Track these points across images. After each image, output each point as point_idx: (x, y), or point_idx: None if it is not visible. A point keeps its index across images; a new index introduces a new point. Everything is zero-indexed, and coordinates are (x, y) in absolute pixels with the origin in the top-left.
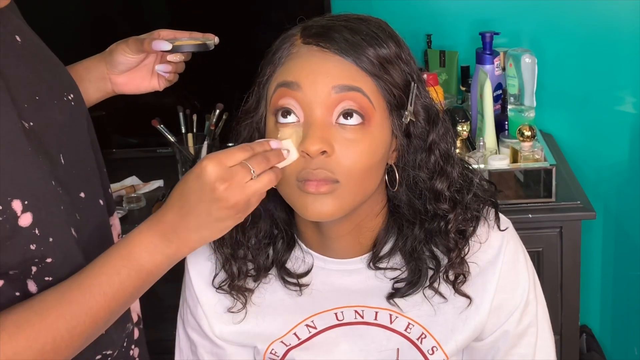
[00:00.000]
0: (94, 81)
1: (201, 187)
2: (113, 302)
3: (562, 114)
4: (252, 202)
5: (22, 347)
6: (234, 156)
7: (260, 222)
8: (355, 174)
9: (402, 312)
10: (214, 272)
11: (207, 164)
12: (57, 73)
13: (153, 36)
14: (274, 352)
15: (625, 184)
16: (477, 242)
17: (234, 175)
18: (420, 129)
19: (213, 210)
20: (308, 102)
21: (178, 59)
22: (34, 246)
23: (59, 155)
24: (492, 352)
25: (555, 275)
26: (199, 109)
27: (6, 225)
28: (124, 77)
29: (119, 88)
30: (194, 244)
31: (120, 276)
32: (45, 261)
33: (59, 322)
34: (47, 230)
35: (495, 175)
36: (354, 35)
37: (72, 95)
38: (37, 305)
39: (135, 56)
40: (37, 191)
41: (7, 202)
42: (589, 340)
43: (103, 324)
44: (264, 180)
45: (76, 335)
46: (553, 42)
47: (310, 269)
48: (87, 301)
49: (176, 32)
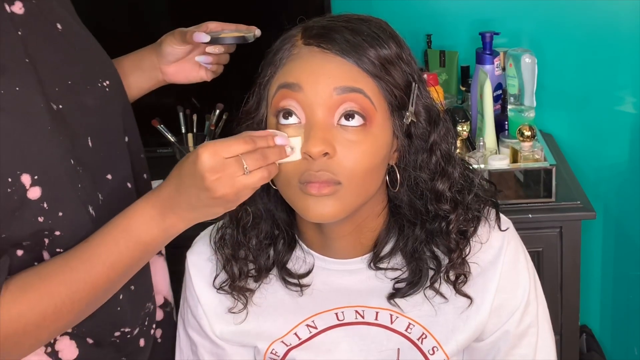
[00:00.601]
0: (146, 70)
1: (193, 173)
2: (112, 271)
3: (562, 114)
4: (241, 195)
5: (25, 310)
6: (231, 148)
7: (261, 223)
8: (357, 175)
9: (403, 312)
10: (215, 272)
11: (202, 152)
12: (94, 61)
13: (200, 28)
14: (275, 352)
15: (625, 184)
16: (478, 243)
17: (225, 168)
18: (422, 130)
19: (202, 197)
20: (309, 104)
21: (217, 51)
22: (42, 219)
23: (87, 138)
24: (493, 352)
25: (555, 275)
26: (199, 109)
27: (14, 196)
28: (173, 67)
29: (169, 78)
30: (188, 221)
31: (119, 246)
32: (54, 234)
33: (60, 287)
34: (56, 205)
35: (495, 175)
36: (355, 36)
37: (108, 82)
38: (42, 271)
39: (181, 47)
40: (49, 168)
41: (17, 175)
42: (589, 340)
43: (103, 292)
44: (255, 176)
45: (76, 302)
46: (553, 42)
47: (311, 269)
48: (87, 269)
49: (224, 25)
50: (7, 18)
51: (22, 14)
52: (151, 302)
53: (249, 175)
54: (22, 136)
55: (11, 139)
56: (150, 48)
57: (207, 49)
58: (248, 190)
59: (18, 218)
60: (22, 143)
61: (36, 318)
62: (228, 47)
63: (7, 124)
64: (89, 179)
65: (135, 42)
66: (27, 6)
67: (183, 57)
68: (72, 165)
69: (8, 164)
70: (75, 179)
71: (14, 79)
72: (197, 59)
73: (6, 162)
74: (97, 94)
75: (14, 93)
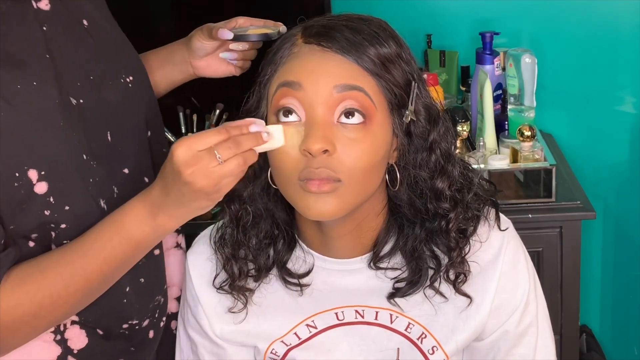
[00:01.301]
0: (177, 64)
1: (172, 170)
2: (105, 266)
3: (562, 114)
4: (222, 185)
5: (23, 299)
6: (204, 140)
7: (261, 222)
8: (357, 172)
9: (403, 311)
10: (215, 272)
11: (176, 147)
12: (119, 56)
13: (229, 24)
14: (275, 352)
15: (625, 184)
16: (478, 242)
17: (199, 160)
18: (421, 128)
19: (185, 192)
20: (310, 102)
21: (241, 47)
22: (48, 212)
23: (107, 132)
24: (493, 352)
25: (555, 275)
26: (199, 109)
27: (21, 190)
28: (203, 61)
29: (199, 72)
30: (177, 219)
31: (112, 242)
32: (60, 227)
33: (57, 280)
34: (63, 199)
35: (495, 175)
36: (355, 35)
37: (132, 78)
38: (41, 263)
39: (209, 43)
40: (58, 163)
41: (24, 170)
42: (589, 340)
43: (97, 285)
44: (230, 164)
45: (72, 294)
46: (553, 42)
47: (311, 268)
48: (82, 263)
49: (252, 20)
50: (33, 14)
51: (48, 10)
52: (162, 295)
53: (224, 165)
54: (31, 132)
55: (20, 135)
56: (182, 42)
57: (231, 45)
58: (228, 180)
59: (25, 211)
60: (31, 139)
61: (33, 308)
62: (253, 43)
63: (16, 120)
64: (103, 172)
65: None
66: (53, 2)
67: (212, 52)
68: (83, 160)
69: (16, 159)
70: (86, 174)
71: (32, 74)
72: (222, 55)
73: (14, 157)
74: (119, 89)
75: (30, 88)
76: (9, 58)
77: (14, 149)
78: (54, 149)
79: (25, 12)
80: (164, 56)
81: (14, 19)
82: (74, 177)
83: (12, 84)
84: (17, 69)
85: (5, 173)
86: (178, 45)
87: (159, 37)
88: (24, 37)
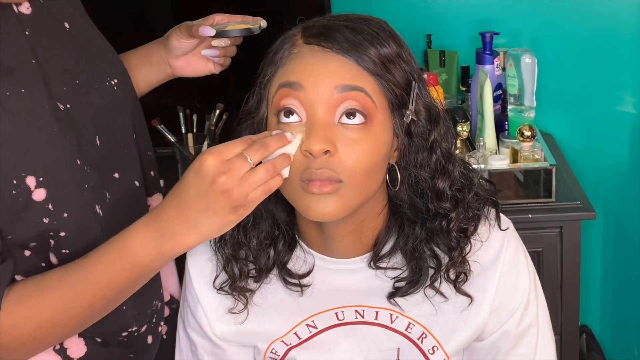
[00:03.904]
0: (154, 64)
1: (201, 181)
2: (108, 290)
3: (562, 114)
4: (251, 198)
5: (20, 320)
6: (233, 149)
7: (261, 223)
8: (359, 173)
9: (403, 311)
10: (215, 273)
11: (206, 157)
12: (102, 59)
13: (207, 21)
14: (275, 352)
15: (625, 184)
16: (478, 241)
17: (231, 166)
18: (422, 128)
19: (212, 203)
20: (310, 102)
21: (223, 44)
22: (47, 220)
23: (95, 137)
24: (493, 352)
25: (555, 276)
26: (199, 109)
27: (19, 198)
28: (181, 61)
29: (177, 71)
30: (190, 241)
31: (115, 267)
32: (59, 235)
33: (57, 302)
34: (61, 206)
35: (495, 175)
36: (355, 35)
37: (116, 80)
38: (41, 283)
39: (188, 41)
40: (54, 169)
41: (22, 177)
42: (589, 340)
43: (100, 309)
44: (259, 172)
45: (73, 317)
46: (553, 42)
47: (312, 269)
48: (84, 287)
49: (230, 17)
50: (15, 18)
51: (29, 13)
52: (159, 300)
53: (254, 171)
54: (27, 138)
55: (16, 141)
56: (158, 42)
57: (213, 42)
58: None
59: (23, 219)
60: (27, 145)
61: (32, 329)
62: (234, 39)
63: (12, 127)
64: (96, 178)
65: (138, 42)
66: (34, 6)
67: (190, 50)
68: (78, 166)
69: (13, 166)
70: (81, 180)
71: (20, 81)
72: (204, 52)
73: (11, 164)
74: (105, 93)
75: (20, 95)
76: None
77: (11, 155)
78: (50, 155)
79: (7, 17)
80: (141, 56)
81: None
82: (70, 183)
83: (2, 91)
84: (4, 76)
85: (4, 180)
86: (155, 45)
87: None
88: (9, 43)
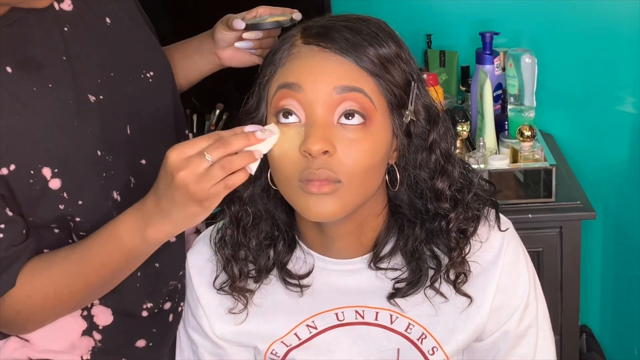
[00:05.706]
0: (205, 54)
1: (165, 175)
2: (101, 270)
3: (562, 114)
4: (212, 192)
5: (32, 292)
6: (196, 145)
7: (261, 224)
8: (358, 173)
9: (403, 312)
10: (215, 273)
11: (169, 153)
12: (141, 53)
13: (250, 13)
14: (275, 353)
15: (625, 184)
16: (478, 242)
17: (189, 163)
18: (421, 129)
19: (176, 197)
20: (309, 103)
21: (254, 36)
22: (62, 206)
23: (126, 126)
24: (493, 353)
25: (555, 275)
26: (199, 109)
27: (37, 187)
28: (227, 52)
29: (225, 62)
30: (168, 229)
31: (106, 249)
32: (75, 220)
33: (61, 278)
34: (76, 194)
35: (495, 175)
36: (354, 35)
37: (152, 73)
38: (49, 260)
39: (229, 33)
40: (71, 161)
41: (38, 168)
42: (589, 340)
43: (98, 287)
44: (215, 168)
45: (74, 292)
46: (553, 42)
47: (312, 269)
48: (82, 266)
49: (272, 9)
50: (53, 16)
51: (70, 10)
52: (177, 281)
53: (211, 168)
54: (45, 132)
55: (34, 135)
56: (208, 33)
57: (244, 35)
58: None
59: (42, 205)
60: (45, 139)
61: (40, 301)
62: (269, 31)
63: (31, 122)
64: (120, 165)
65: None
66: (76, 3)
67: (234, 42)
68: (98, 156)
69: (31, 158)
70: (100, 169)
71: (48, 77)
72: (237, 44)
73: (29, 156)
74: (139, 85)
75: (47, 90)
76: (27, 62)
77: (29, 148)
78: (67, 148)
79: (44, 16)
80: (194, 46)
81: (33, 23)
82: (87, 173)
83: (29, 87)
84: (34, 72)
85: (22, 170)
86: (205, 36)
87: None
88: (42, 41)
